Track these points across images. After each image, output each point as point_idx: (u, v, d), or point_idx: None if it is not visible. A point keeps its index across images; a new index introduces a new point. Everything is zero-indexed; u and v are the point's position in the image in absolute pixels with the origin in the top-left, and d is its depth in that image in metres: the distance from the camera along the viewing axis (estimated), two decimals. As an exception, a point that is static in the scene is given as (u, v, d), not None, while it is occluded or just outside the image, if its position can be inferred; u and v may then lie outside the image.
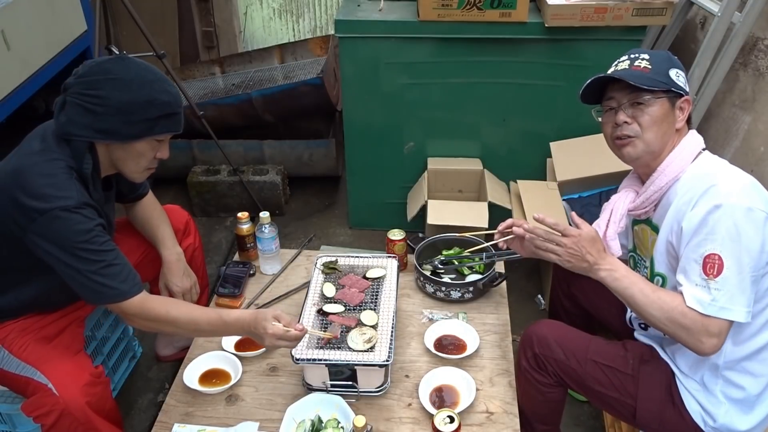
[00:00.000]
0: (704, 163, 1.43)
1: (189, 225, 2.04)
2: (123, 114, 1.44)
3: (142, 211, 1.89)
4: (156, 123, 1.48)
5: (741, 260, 1.27)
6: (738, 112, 2.49)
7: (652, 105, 1.42)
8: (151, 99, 1.46)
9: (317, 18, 4.10)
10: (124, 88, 1.44)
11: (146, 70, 1.49)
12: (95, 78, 1.44)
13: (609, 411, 1.68)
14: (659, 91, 1.41)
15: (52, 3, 2.50)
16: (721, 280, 1.27)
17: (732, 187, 1.31)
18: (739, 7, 2.36)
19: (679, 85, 1.43)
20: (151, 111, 1.46)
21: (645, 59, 1.45)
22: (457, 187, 2.81)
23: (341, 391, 1.65)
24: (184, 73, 3.63)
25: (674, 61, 1.47)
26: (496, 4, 2.35)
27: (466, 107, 2.67)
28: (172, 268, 1.86)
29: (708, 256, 1.28)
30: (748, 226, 1.27)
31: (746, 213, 1.27)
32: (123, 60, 1.48)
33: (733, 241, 1.27)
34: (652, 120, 1.43)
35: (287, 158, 3.19)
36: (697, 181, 1.37)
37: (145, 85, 1.46)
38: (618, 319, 1.72)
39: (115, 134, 1.47)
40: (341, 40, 2.55)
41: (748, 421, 1.43)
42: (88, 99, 1.43)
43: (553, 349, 1.58)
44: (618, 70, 1.46)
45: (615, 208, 1.56)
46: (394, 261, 1.96)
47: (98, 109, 1.43)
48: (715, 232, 1.28)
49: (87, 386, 1.51)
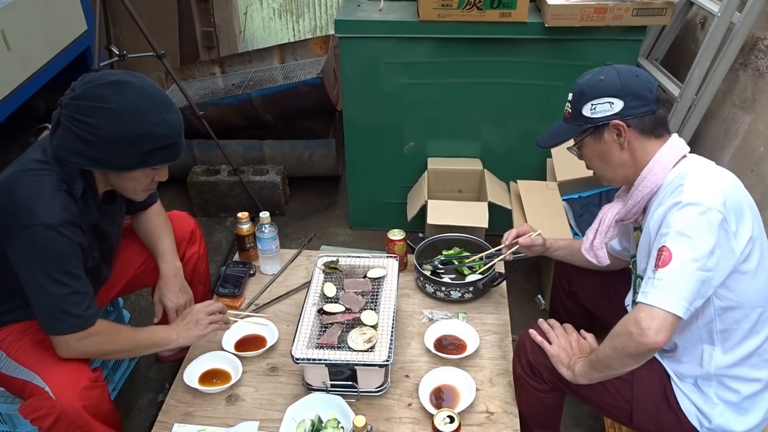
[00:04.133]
0: (685, 167, 1.41)
1: (195, 233, 2.02)
2: (115, 146, 1.39)
3: (146, 222, 1.87)
4: (150, 156, 1.43)
5: (687, 256, 1.26)
6: (738, 112, 2.49)
7: (581, 148, 1.51)
8: (145, 133, 1.39)
9: (317, 18, 4.10)
10: (117, 120, 1.37)
11: (143, 97, 1.40)
12: (88, 104, 1.37)
13: (606, 415, 1.69)
14: (578, 134, 1.49)
15: (52, 3, 2.50)
16: (665, 271, 1.27)
17: (696, 187, 1.31)
18: (739, 7, 2.36)
19: (597, 117, 1.43)
20: (145, 145, 1.41)
21: (569, 100, 1.49)
22: (457, 187, 2.81)
23: (341, 391, 1.65)
24: (184, 73, 3.63)
25: (587, 93, 1.45)
26: (496, 4, 2.35)
27: (466, 107, 2.67)
28: (168, 283, 1.84)
29: (660, 248, 1.29)
30: (701, 224, 1.27)
31: (702, 212, 1.27)
32: (119, 86, 1.39)
33: (682, 236, 1.27)
34: (592, 158, 1.51)
35: (287, 158, 3.19)
36: (673, 186, 1.38)
37: (140, 117, 1.38)
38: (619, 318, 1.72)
39: (107, 164, 1.44)
40: (341, 40, 2.55)
41: (744, 422, 1.43)
42: (79, 126, 1.38)
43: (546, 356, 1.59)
44: (544, 132, 1.56)
45: (603, 219, 1.58)
46: (395, 261, 1.96)
47: (90, 138, 1.38)
48: (669, 227, 1.29)
49: (84, 390, 1.50)
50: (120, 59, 2.58)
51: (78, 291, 1.45)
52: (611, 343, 1.37)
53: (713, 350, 1.40)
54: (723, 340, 1.39)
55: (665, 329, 1.26)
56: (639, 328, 1.27)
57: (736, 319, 1.38)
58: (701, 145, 2.73)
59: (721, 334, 1.39)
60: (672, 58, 3.01)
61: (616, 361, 1.37)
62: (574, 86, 1.49)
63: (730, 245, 1.29)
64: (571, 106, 1.48)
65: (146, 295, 2.54)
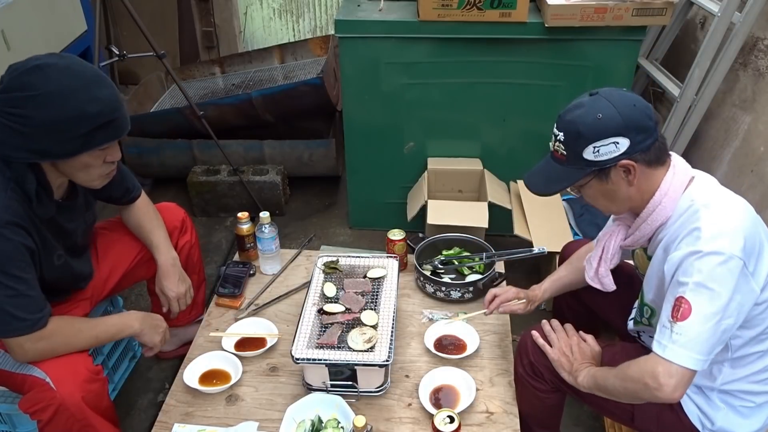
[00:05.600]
0: (695, 194, 1.33)
1: (185, 222, 2.03)
2: (51, 133, 1.33)
3: (135, 216, 1.87)
4: (92, 136, 1.37)
5: (709, 310, 1.22)
6: (738, 112, 2.49)
7: (584, 189, 1.40)
8: (78, 113, 1.33)
9: (317, 18, 4.10)
10: (47, 105, 1.31)
11: (70, 77, 1.34)
12: (15, 95, 1.32)
13: (607, 415, 1.68)
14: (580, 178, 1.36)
15: (52, 3, 2.50)
16: (684, 325, 1.23)
17: (714, 232, 1.24)
18: (739, 7, 2.36)
19: (602, 160, 1.31)
20: (82, 125, 1.34)
21: (560, 140, 1.36)
22: (457, 187, 2.81)
23: (341, 391, 1.65)
24: (184, 73, 3.63)
25: (587, 135, 1.31)
26: (496, 4, 2.35)
27: (466, 107, 2.67)
28: (167, 273, 1.85)
29: (678, 298, 1.25)
30: (722, 275, 1.22)
31: (723, 262, 1.22)
32: (42, 70, 1.33)
33: (703, 288, 1.22)
34: (596, 197, 1.41)
35: (287, 158, 3.19)
36: (684, 219, 1.32)
37: (70, 98, 1.32)
38: (622, 318, 1.72)
39: (50, 154, 1.38)
40: (341, 40, 2.55)
41: (747, 425, 1.43)
42: (12, 119, 1.32)
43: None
44: (533, 172, 1.46)
45: (606, 247, 1.53)
46: (395, 261, 1.95)
47: (25, 130, 1.32)
48: (689, 278, 1.24)
49: (85, 382, 1.51)
50: (120, 59, 2.58)
51: (22, 294, 1.41)
52: (623, 384, 1.34)
53: (722, 367, 1.39)
54: (734, 361, 1.38)
55: (683, 385, 1.25)
56: (656, 382, 1.25)
57: (750, 345, 1.37)
58: (701, 146, 2.73)
59: (732, 358, 1.38)
60: (672, 58, 3.01)
61: (624, 397, 1.37)
62: (565, 124, 1.35)
63: (750, 286, 1.25)
64: (566, 148, 1.35)
65: (146, 295, 2.54)
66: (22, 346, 1.46)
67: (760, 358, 1.39)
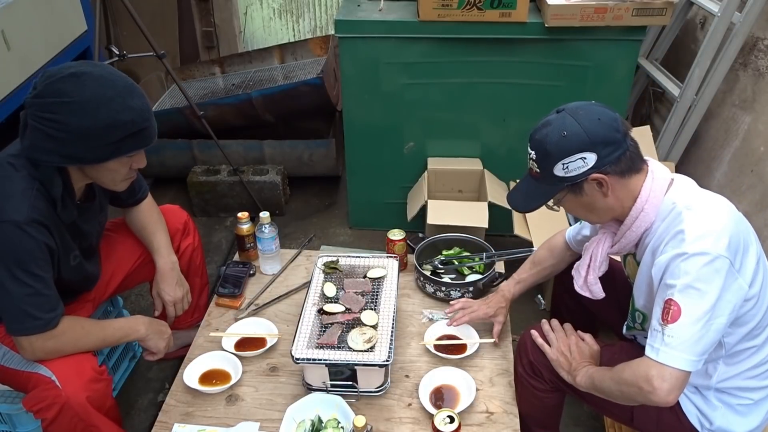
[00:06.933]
0: (676, 197, 1.34)
1: (188, 225, 2.03)
2: (84, 140, 1.37)
3: (139, 217, 1.87)
4: (122, 144, 1.41)
5: (698, 310, 1.23)
6: (738, 112, 2.49)
7: (562, 203, 1.43)
8: (111, 121, 1.37)
9: (317, 18, 4.10)
10: (80, 113, 1.34)
11: (104, 86, 1.38)
12: (50, 101, 1.35)
13: (607, 414, 1.68)
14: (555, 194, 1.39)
15: (52, 3, 2.50)
16: (675, 327, 1.24)
17: (698, 233, 1.25)
18: (739, 7, 2.37)
19: (572, 176, 1.34)
20: (114, 134, 1.38)
21: (533, 159, 1.38)
22: (457, 187, 2.81)
23: (341, 391, 1.65)
24: (184, 73, 3.63)
25: (554, 154, 1.33)
26: (496, 4, 2.35)
27: (466, 107, 2.67)
28: (165, 277, 1.85)
29: (667, 301, 1.26)
30: (709, 275, 1.23)
31: (709, 262, 1.22)
32: (78, 77, 1.36)
33: (690, 289, 1.23)
34: (575, 209, 1.44)
35: (287, 158, 3.19)
36: (668, 222, 1.33)
37: (102, 106, 1.36)
38: (620, 319, 1.73)
39: (80, 159, 1.42)
40: (341, 40, 2.55)
41: (745, 423, 1.43)
42: (46, 124, 1.36)
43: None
44: (514, 189, 1.48)
45: (594, 255, 1.53)
46: (395, 261, 1.95)
47: (59, 135, 1.36)
48: (676, 280, 1.25)
49: (90, 382, 1.51)
50: (120, 59, 2.58)
51: (39, 292, 1.44)
52: (618, 387, 1.35)
53: (717, 365, 1.40)
54: (728, 357, 1.39)
55: (677, 388, 1.25)
56: (650, 386, 1.25)
57: (742, 341, 1.37)
58: (701, 146, 2.73)
59: (726, 355, 1.38)
60: (672, 58, 3.01)
61: (620, 399, 1.38)
62: (535, 143, 1.37)
63: (738, 284, 1.26)
64: (538, 166, 1.37)
65: (146, 295, 2.54)
66: (32, 344, 1.47)
67: (754, 353, 1.39)
